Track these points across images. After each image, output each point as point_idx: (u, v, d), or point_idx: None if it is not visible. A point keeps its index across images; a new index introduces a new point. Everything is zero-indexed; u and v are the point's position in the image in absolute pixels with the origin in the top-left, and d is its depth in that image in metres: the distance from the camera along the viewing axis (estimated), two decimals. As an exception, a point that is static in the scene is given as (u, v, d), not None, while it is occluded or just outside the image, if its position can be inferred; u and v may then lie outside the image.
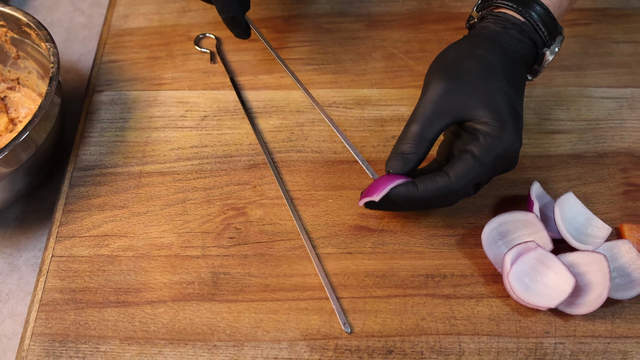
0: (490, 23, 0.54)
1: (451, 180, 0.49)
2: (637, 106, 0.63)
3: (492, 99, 0.49)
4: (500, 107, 0.49)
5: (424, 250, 0.54)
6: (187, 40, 0.68)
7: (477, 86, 0.50)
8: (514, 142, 0.49)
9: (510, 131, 0.48)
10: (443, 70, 0.51)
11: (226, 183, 0.58)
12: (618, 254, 0.52)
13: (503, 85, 0.50)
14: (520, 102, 0.52)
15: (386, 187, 0.49)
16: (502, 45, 0.52)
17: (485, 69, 0.51)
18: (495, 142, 0.48)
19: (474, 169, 0.48)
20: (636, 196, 0.57)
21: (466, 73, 0.50)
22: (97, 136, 0.61)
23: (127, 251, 0.54)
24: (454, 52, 0.53)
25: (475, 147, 0.49)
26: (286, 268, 0.53)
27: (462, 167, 0.49)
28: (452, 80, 0.50)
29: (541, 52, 0.54)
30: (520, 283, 0.50)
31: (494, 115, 0.49)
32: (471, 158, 0.48)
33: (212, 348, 0.49)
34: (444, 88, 0.50)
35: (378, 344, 0.49)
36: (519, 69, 0.52)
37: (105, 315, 0.50)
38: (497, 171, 0.50)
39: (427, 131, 0.50)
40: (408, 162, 0.50)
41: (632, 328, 0.50)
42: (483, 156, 0.48)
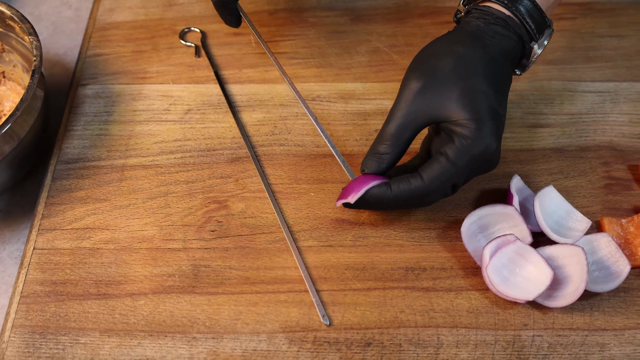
0: (474, 18, 0.52)
1: (424, 183, 0.49)
2: (620, 100, 0.63)
3: (468, 99, 0.48)
4: (477, 108, 0.48)
5: (405, 243, 0.54)
6: (173, 34, 0.69)
7: (453, 86, 0.49)
8: (490, 143, 0.48)
9: (486, 133, 0.48)
10: (420, 69, 0.51)
11: (208, 176, 0.58)
12: (597, 247, 0.52)
13: (481, 85, 0.49)
14: (502, 102, 0.50)
15: (360, 190, 0.50)
16: (483, 41, 0.51)
17: (463, 67, 0.50)
18: (471, 144, 0.48)
19: (447, 172, 0.48)
20: (617, 190, 0.57)
21: (443, 72, 0.50)
22: (81, 129, 0.61)
23: (108, 244, 0.54)
24: (432, 50, 0.52)
25: (449, 149, 0.48)
26: (267, 261, 0.53)
27: (435, 169, 0.48)
28: (428, 79, 0.50)
29: (528, 47, 0.52)
30: (498, 276, 0.50)
31: (470, 116, 0.48)
32: (445, 160, 0.48)
33: (192, 340, 0.49)
34: (420, 87, 0.50)
35: (357, 337, 0.49)
36: (502, 66, 0.51)
37: (86, 308, 0.51)
38: (474, 172, 0.50)
39: (402, 132, 0.50)
40: (382, 162, 0.51)
41: (610, 320, 0.50)
42: (457, 158, 0.48)
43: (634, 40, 0.67)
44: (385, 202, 0.50)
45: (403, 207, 0.53)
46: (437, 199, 0.51)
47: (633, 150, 0.59)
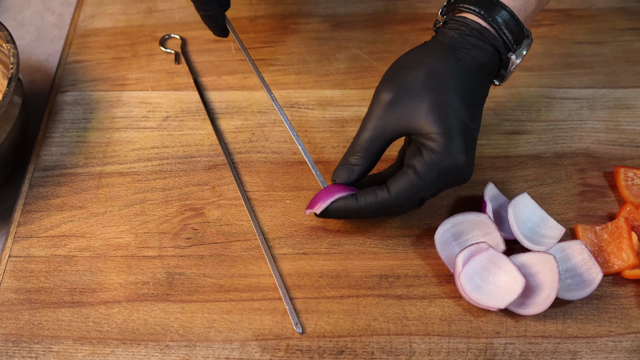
0: (449, 29, 0.52)
1: (391, 196, 0.49)
2: (597, 107, 0.63)
3: (437, 113, 0.48)
4: (446, 123, 0.48)
5: (379, 251, 0.54)
6: (153, 40, 0.69)
7: (423, 99, 0.49)
8: (458, 158, 0.48)
9: (455, 148, 0.48)
10: (391, 81, 0.51)
11: (185, 184, 0.58)
12: (570, 255, 0.52)
13: (452, 99, 0.49)
14: (474, 115, 0.50)
15: (327, 201, 0.51)
16: (457, 54, 0.50)
17: (434, 80, 0.49)
18: (439, 159, 0.48)
19: (414, 186, 0.49)
20: (592, 197, 0.57)
21: (413, 84, 0.49)
22: (59, 136, 0.61)
23: (84, 251, 0.54)
24: (404, 62, 0.52)
25: (417, 163, 0.48)
26: (241, 269, 0.53)
27: (402, 182, 0.49)
28: (398, 91, 0.50)
29: (506, 57, 0.52)
30: (471, 283, 0.50)
31: (439, 130, 0.48)
32: (412, 174, 0.48)
33: (165, 348, 0.49)
34: (390, 100, 0.50)
35: (329, 344, 0.49)
36: (476, 79, 0.51)
37: (60, 316, 0.51)
38: (443, 186, 0.50)
39: (372, 144, 0.50)
40: (353, 173, 0.51)
41: (582, 328, 0.50)
42: (425, 173, 0.48)
43: (613, 47, 0.68)
44: (352, 213, 0.51)
45: (370, 217, 0.54)
46: (405, 211, 0.52)
47: (609, 157, 0.59)
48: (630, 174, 0.57)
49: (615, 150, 0.60)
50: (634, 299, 0.51)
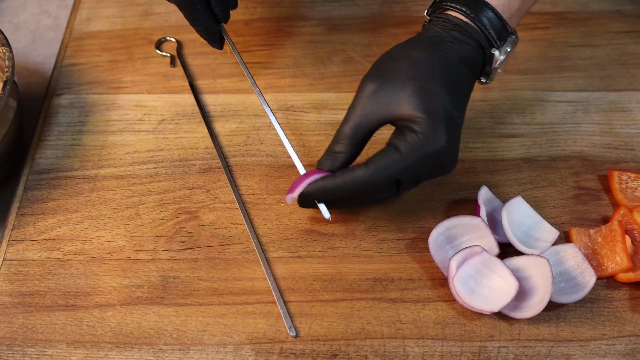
0: (433, 25, 0.53)
1: (369, 171, 0.49)
2: (592, 110, 0.63)
3: (421, 98, 0.49)
4: (430, 107, 0.49)
5: (374, 254, 0.54)
6: (149, 43, 0.69)
7: (406, 86, 0.50)
8: (440, 141, 0.48)
9: (438, 131, 0.48)
10: (375, 72, 0.52)
11: (180, 187, 0.58)
12: (564, 258, 0.52)
13: (435, 87, 0.49)
14: (458, 105, 0.51)
15: (305, 181, 0.51)
16: (440, 46, 0.51)
17: (417, 69, 0.50)
18: (421, 140, 0.48)
19: (394, 163, 0.49)
20: (586, 200, 0.57)
21: (396, 73, 0.50)
22: (54, 140, 0.61)
23: (78, 255, 0.54)
24: (389, 54, 0.53)
25: (399, 141, 0.49)
26: (235, 272, 0.53)
27: (382, 158, 0.49)
28: (381, 80, 0.51)
29: (489, 53, 0.52)
30: (465, 287, 0.50)
31: (419, 114, 0.48)
32: (393, 151, 0.49)
33: (158, 352, 0.49)
34: (374, 89, 0.51)
35: (323, 348, 0.49)
36: (459, 70, 0.51)
37: (54, 319, 0.51)
38: (423, 171, 0.50)
39: (355, 132, 0.51)
40: (336, 160, 0.52)
41: (576, 332, 0.50)
42: (406, 151, 0.48)
43: (608, 50, 0.68)
44: (330, 192, 0.50)
45: (352, 202, 0.53)
46: (384, 196, 0.52)
47: (603, 160, 0.59)
48: (625, 177, 0.57)
49: (610, 153, 0.60)
50: (627, 302, 0.51)
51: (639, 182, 0.57)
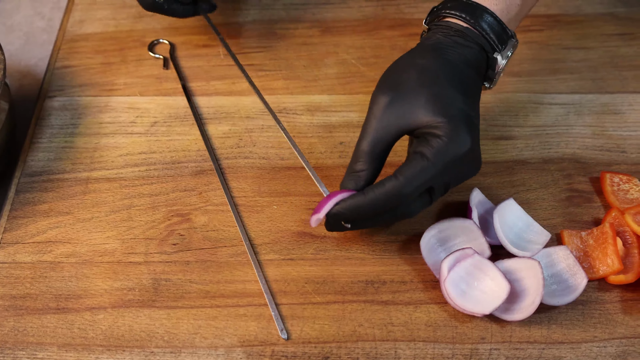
0: (433, 33, 0.53)
1: (400, 182, 0.48)
2: (584, 112, 0.63)
3: (436, 103, 0.49)
4: (446, 110, 0.48)
5: (366, 256, 0.54)
6: (142, 45, 0.69)
7: (418, 94, 0.50)
8: (465, 142, 0.48)
9: (460, 132, 0.48)
10: (385, 85, 0.51)
11: (172, 189, 0.58)
12: (555, 260, 0.52)
13: (445, 89, 0.49)
14: (470, 104, 0.50)
15: (330, 201, 0.49)
16: (443, 51, 0.52)
17: (426, 76, 0.50)
18: (446, 143, 0.48)
19: (424, 170, 0.48)
20: (578, 202, 0.57)
21: (407, 83, 0.50)
22: (46, 142, 0.61)
23: (70, 257, 0.54)
24: (395, 66, 0.53)
25: (424, 148, 0.48)
26: (227, 274, 0.53)
27: (411, 168, 0.48)
28: (393, 92, 0.50)
29: (492, 57, 0.53)
30: (456, 289, 0.50)
31: (439, 119, 0.48)
32: (420, 158, 0.48)
33: (150, 355, 0.49)
34: (387, 102, 0.50)
35: (314, 350, 0.49)
36: (466, 72, 0.52)
37: (45, 322, 0.51)
38: (452, 175, 0.50)
39: (375, 147, 0.50)
40: (360, 179, 0.50)
41: (567, 334, 0.50)
42: (432, 157, 0.48)
43: (601, 52, 0.68)
44: (362, 210, 0.49)
45: (384, 218, 0.51)
46: (418, 208, 0.50)
47: (595, 163, 0.60)
48: (616, 179, 0.57)
49: (602, 156, 0.60)
50: (618, 304, 0.51)
51: (630, 184, 0.57)
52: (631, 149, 0.61)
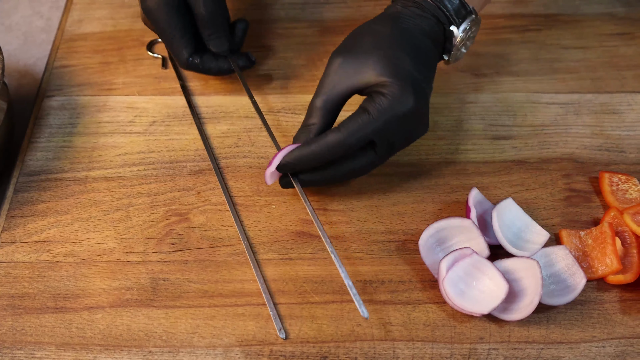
0: (394, 4, 0.57)
1: (341, 134, 0.51)
2: (583, 112, 0.63)
3: (384, 63, 0.52)
4: (394, 71, 0.52)
5: (364, 256, 0.54)
6: (140, 45, 0.69)
7: (369, 55, 0.53)
8: (408, 102, 0.51)
9: (405, 93, 0.51)
10: (340, 48, 0.55)
11: (171, 189, 0.58)
12: (554, 260, 0.52)
13: (395, 52, 0.53)
14: (421, 69, 0.53)
15: (279, 154, 0.53)
16: (400, 20, 0.55)
17: (379, 40, 0.54)
18: (389, 101, 0.51)
19: (364, 124, 0.51)
20: (577, 202, 0.57)
21: (360, 46, 0.54)
22: (44, 141, 0.61)
23: (68, 257, 0.54)
24: (353, 32, 0.56)
25: (368, 105, 0.51)
26: (226, 274, 0.53)
27: (352, 121, 0.51)
28: (346, 54, 0.54)
29: (448, 30, 0.55)
30: (455, 289, 0.50)
31: (385, 78, 0.51)
32: (362, 113, 0.51)
33: (148, 354, 0.49)
34: (340, 62, 0.54)
35: (313, 350, 0.49)
36: (420, 40, 0.54)
37: (43, 321, 0.51)
38: (395, 134, 0.52)
39: (326, 103, 0.54)
40: (310, 132, 0.54)
41: (566, 334, 0.50)
42: (374, 112, 0.51)
43: (599, 52, 0.68)
44: (306, 159, 0.52)
45: (332, 172, 0.54)
46: (364, 163, 0.53)
47: (594, 162, 0.60)
48: (615, 179, 0.57)
49: (601, 156, 0.60)
50: (617, 304, 0.51)
51: (629, 184, 0.57)
52: (630, 148, 0.61)
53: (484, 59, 0.67)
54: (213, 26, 0.59)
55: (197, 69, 0.61)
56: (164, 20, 0.59)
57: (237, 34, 0.63)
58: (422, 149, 0.60)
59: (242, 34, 0.63)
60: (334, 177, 0.54)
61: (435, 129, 0.62)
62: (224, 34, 0.60)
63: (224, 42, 0.60)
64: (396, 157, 0.59)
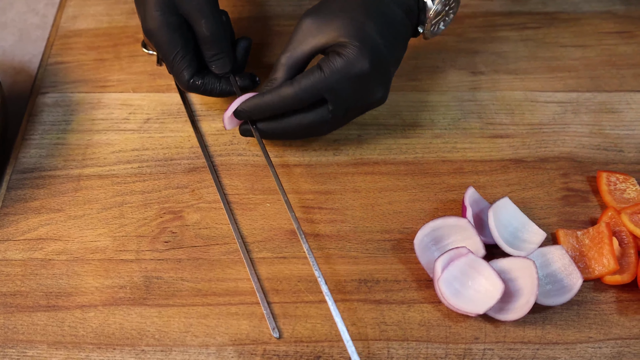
0: None
1: (293, 87, 0.53)
2: (581, 110, 0.63)
3: (345, 25, 0.53)
4: (352, 32, 0.53)
5: (359, 255, 0.54)
6: (135, 42, 0.68)
7: (334, 17, 0.55)
8: (361, 64, 0.52)
9: (360, 55, 0.52)
10: (310, 10, 0.57)
11: (165, 186, 0.57)
12: (551, 260, 0.52)
13: (359, 16, 0.54)
14: (386, 36, 0.54)
15: (238, 100, 0.56)
16: None
17: (346, 4, 0.55)
18: (343, 61, 0.52)
19: (316, 80, 0.53)
20: (574, 201, 0.57)
21: (328, 8, 0.56)
22: (38, 139, 0.61)
23: (61, 255, 0.53)
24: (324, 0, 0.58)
25: (324, 63, 0.53)
26: (219, 272, 0.53)
27: (305, 77, 0.53)
28: (314, 15, 0.56)
29: (422, 1, 0.56)
30: (450, 288, 0.50)
31: (344, 39, 0.53)
32: (316, 70, 0.53)
33: (140, 353, 0.49)
34: (307, 22, 0.55)
35: (306, 349, 0.49)
36: (391, 8, 0.55)
37: (35, 320, 0.50)
38: (349, 95, 0.54)
39: (289, 59, 0.56)
40: (272, 85, 0.56)
41: (562, 334, 0.50)
42: (327, 70, 0.53)
43: (598, 51, 0.67)
44: (260, 108, 0.55)
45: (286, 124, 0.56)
46: (316, 117, 0.55)
47: (592, 162, 0.59)
48: (613, 178, 0.57)
49: (599, 155, 0.60)
50: (614, 304, 0.51)
51: (627, 183, 0.57)
52: (628, 148, 0.60)
53: (481, 56, 0.67)
54: (215, 47, 0.58)
55: (198, 91, 0.59)
56: (164, 42, 0.57)
57: (240, 52, 0.61)
58: (418, 147, 0.60)
59: (245, 52, 0.61)
60: (288, 128, 0.56)
61: (432, 127, 0.61)
62: (227, 55, 0.59)
63: (226, 64, 0.59)
64: (392, 156, 0.59)
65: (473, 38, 0.68)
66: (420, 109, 0.63)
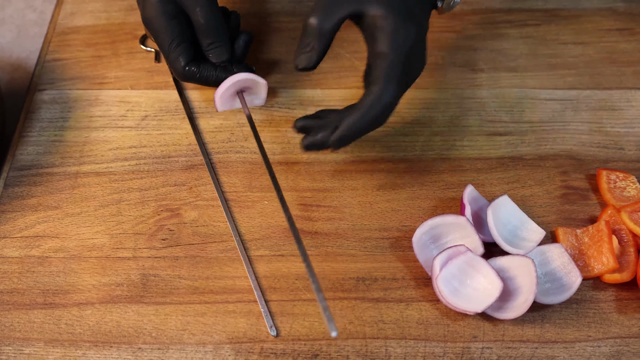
0: None
1: (390, 89, 0.50)
2: (581, 108, 0.62)
3: None
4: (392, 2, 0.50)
5: (357, 253, 0.53)
6: (133, 38, 0.68)
7: None
8: (410, 32, 0.50)
9: (404, 22, 0.50)
10: None
11: (162, 184, 0.57)
12: (550, 258, 0.52)
13: None
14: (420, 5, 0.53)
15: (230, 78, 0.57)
16: None
17: None
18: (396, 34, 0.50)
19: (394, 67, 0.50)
20: (574, 199, 0.56)
21: None
22: (35, 136, 0.60)
23: (58, 252, 0.53)
24: None
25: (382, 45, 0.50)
26: (217, 270, 0.52)
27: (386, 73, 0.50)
28: None
29: None
30: (448, 287, 0.49)
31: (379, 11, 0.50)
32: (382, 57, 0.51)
33: (137, 351, 0.48)
34: None
35: (304, 348, 0.49)
36: None
37: (32, 317, 0.50)
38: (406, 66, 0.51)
39: (324, 24, 0.51)
40: (312, 56, 0.51)
41: (561, 333, 0.49)
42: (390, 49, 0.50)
43: (598, 48, 0.67)
44: (366, 127, 0.51)
45: None
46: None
47: (592, 159, 0.59)
48: (613, 176, 0.57)
49: (599, 153, 0.59)
50: (613, 303, 0.51)
51: (627, 181, 0.56)
52: (629, 145, 0.60)
53: (481, 54, 0.66)
54: (211, 36, 0.58)
55: (194, 79, 0.59)
56: (161, 29, 0.57)
57: (239, 44, 0.61)
58: (417, 145, 0.60)
59: (244, 45, 0.61)
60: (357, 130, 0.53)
61: (431, 125, 0.61)
62: (224, 44, 0.58)
63: (223, 52, 0.58)
64: (391, 153, 0.59)
65: (473, 35, 0.68)
66: (420, 107, 0.63)
